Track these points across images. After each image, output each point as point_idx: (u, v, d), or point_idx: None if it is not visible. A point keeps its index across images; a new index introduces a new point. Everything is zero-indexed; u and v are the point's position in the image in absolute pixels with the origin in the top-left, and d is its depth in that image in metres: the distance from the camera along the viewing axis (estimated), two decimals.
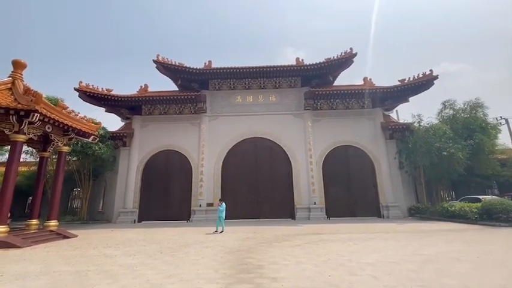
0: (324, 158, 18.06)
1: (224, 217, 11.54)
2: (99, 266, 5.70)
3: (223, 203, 11.83)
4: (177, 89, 20.70)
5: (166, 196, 17.74)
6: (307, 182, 17.41)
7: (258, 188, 17.60)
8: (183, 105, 19.35)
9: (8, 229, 8.82)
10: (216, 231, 11.16)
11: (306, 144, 18.16)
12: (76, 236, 10.58)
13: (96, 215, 18.35)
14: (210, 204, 17.10)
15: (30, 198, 18.83)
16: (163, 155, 18.54)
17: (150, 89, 20.15)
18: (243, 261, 5.85)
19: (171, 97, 18.30)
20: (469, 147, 16.32)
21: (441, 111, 19.47)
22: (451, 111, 19.03)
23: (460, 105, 19.00)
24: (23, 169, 20.79)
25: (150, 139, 18.72)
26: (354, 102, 19.14)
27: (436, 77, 17.22)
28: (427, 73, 17.53)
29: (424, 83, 17.51)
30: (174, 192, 17.84)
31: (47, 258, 6.67)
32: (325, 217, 16.60)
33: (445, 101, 19.38)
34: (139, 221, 17.12)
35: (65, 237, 10.26)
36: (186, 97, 18.34)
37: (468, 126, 17.71)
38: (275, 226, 13.23)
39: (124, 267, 5.51)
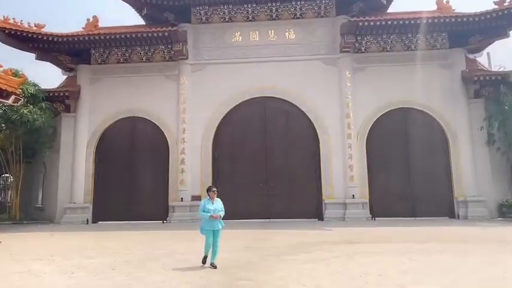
0: (369, 129, 17.44)
1: (220, 228, 7.09)
2: None
3: (218, 200, 7.33)
4: (144, 23, 20.01)
5: (132, 186, 17.84)
6: (343, 164, 16.98)
7: (267, 174, 17.34)
8: (153, 48, 18.74)
9: None
10: (207, 264, 7.02)
11: (343, 106, 17.45)
12: None
13: (34, 212, 18.89)
14: (196, 198, 16.99)
15: None
16: (125, 124, 18.42)
17: (101, 25, 19.51)
18: (234, 285, 5.60)
19: (133, 34, 17.50)
20: None
21: None
22: None
23: None
24: None
25: (105, 100, 18.50)
26: (419, 40, 17.87)
27: None
28: None
29: None
30: (143, 181, 17.94)
31: None
32: (368, 217, 16.36)
33: None
34: (94, 222, 17.46)
35: None
36: (156, 34, 17.46)
37: None
38: (291, 230, 13.12)
39: None
